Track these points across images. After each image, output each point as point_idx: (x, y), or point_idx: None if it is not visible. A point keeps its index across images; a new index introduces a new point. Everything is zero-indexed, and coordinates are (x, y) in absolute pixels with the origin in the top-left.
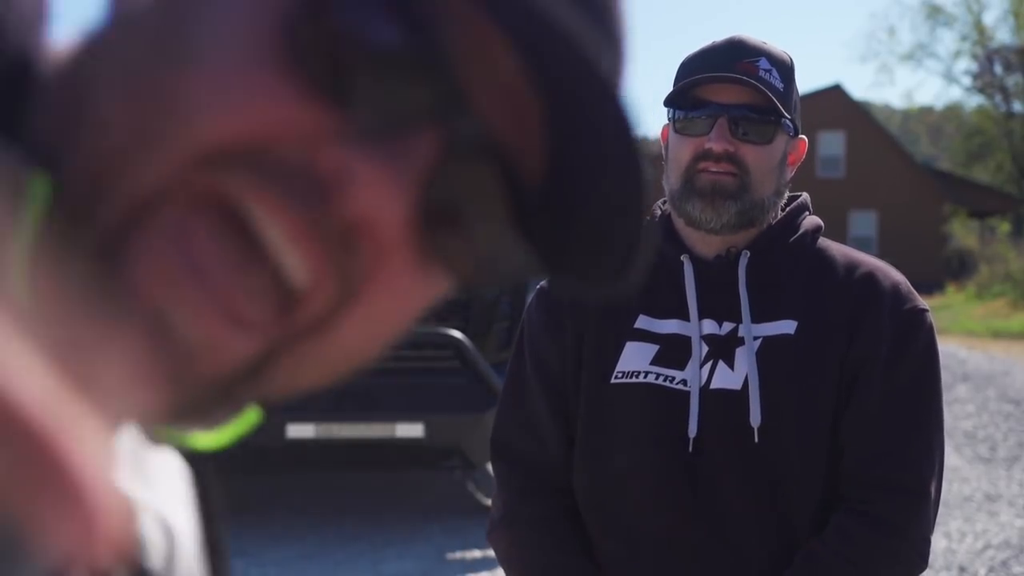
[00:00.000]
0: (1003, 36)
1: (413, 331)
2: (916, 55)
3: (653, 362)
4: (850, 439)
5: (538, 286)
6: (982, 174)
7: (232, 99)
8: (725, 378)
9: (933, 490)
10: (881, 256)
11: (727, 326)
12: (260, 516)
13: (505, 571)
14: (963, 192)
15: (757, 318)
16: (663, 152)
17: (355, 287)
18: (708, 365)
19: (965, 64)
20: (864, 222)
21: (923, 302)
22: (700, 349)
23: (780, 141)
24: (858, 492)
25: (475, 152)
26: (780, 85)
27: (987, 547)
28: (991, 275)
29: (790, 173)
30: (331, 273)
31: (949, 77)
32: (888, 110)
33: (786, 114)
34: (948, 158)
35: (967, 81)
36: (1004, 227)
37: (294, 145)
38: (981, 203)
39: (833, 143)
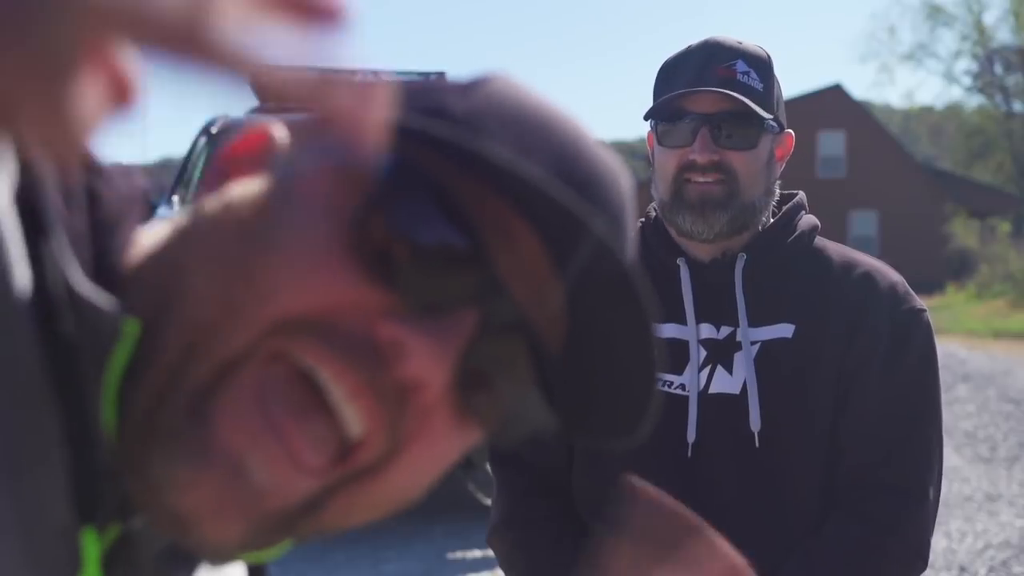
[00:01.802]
0: (1003, 36)
1: None
2: (916, 55)
3: None
4: (849, 440)
5: None
6: (982, 174)
7: (307, 278)
8: (724, 382)
9: (932, 491)
10: (882, 256)
11: (725, 330)
12: None
13: (506, 573)
14: (963, 192)
15: (755, 321)
16: (650, 157)
17: (402, 439)
18: (706, 369)
19: (965, 64)
20: (864, 222)
21: (921, 302)
22: (698, 353)
23: (765, 142)
24: (857, 493)
25: (507, 326)
26: (759, 85)
27: (987, 547)
28: (991, 275)
29: (779, 169)
30: (383, 426)
31: (949, 77)
32: (888, 110)
33: (768, 115)
34: (948, 158)
35: (967, 81)
36: (1004, 227)
37: (356, 319)
38: (981, 203)
39: (833, 143)
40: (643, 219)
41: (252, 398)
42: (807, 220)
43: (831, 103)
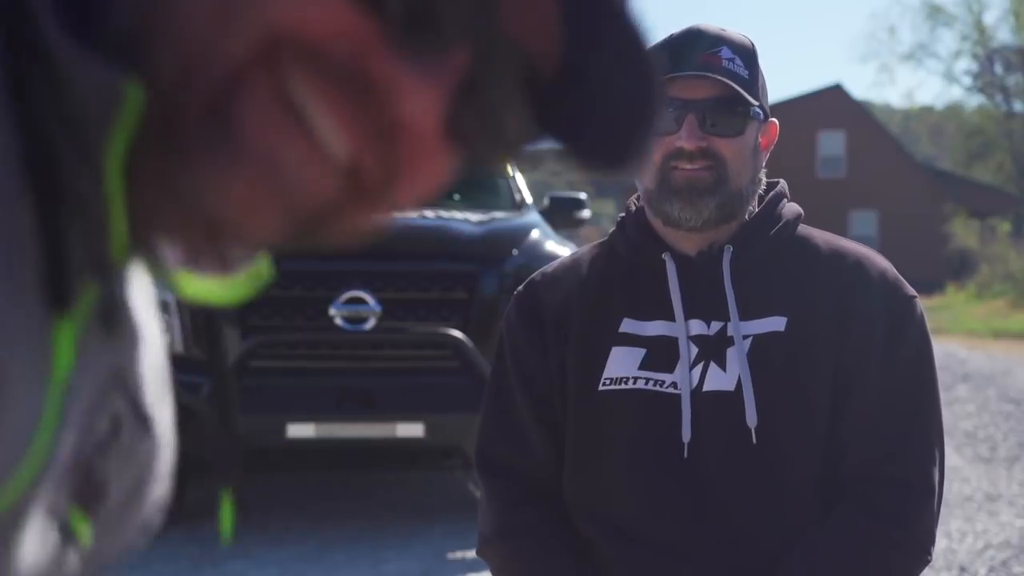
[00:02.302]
0: (1003, 36)
1: (413, 331)
2: (916, 55)
3: (641, 367)
4: (851, 435)
5: (515, 292)
6: (982, 174)
7: None
8: (717, 379)
9: (936, 483)
10: (882, 255)
11: (715, 325)
12: (260, 516)
13: None
14: (963, 192)
15: (745, 315)
16: None
17: (398, 168)
18: (699, 367)
19: (965, 64)
20: (864, 222)
21: (911, 288)
22: (688, 350)
23: (751, 129)
24: (862, 486)
25: (500, 55)
26: (744, 72)
27: (987, 547)
28: (991, 275)
29: (764, 158)
30: (370, 156)
31: (949, 77)
32: (888, 110)
33: (754, 102)
34: (948, 158)
35: (967, 81)
36: (1004, 227)
37: (349, 51)
38: (981, 203)
39: (833, 143)
40: (623, 213)
41: (271, 98)
42: (790, 208)
43: (831, 103)
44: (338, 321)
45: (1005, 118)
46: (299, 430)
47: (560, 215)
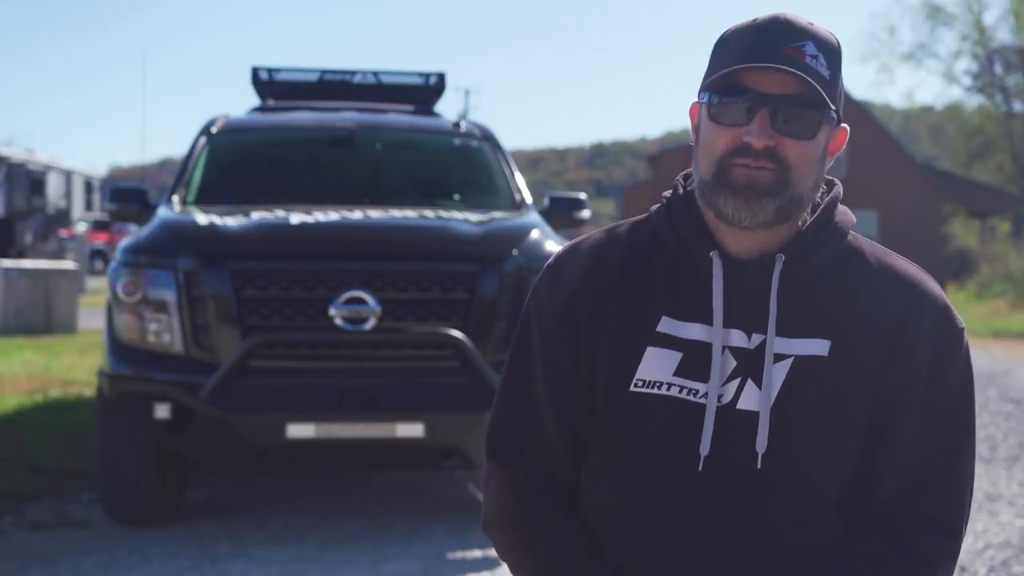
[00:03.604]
0: (1003, 36)
1: (413, 331)
2: (916, 55)
3: (677, 372)
4: (886, 466)
5: (547, 263)
6: (982, 174)
7: None
8: (751, 398)
9: (964, 524)
10: None
11: (756, 338)
12: (260, 516)
13: (507, 562)
14: (963, 192)
15: (789, 332)
16: (693, 134)
17: None
18: (735, 382)
19: (965, 64)
20: (865, 222)
21: (961, 319)
22: (721, 361)
23: (823, 133)
24: (893, 521)
25: None
26: (826, 72)
27: (987, 547)
28: (991, 275)
29: (829, 163)
30: None
31: (949, 77)
32: (888, 110)
33: (831, 104)
34: (948, 158)
35: (967, 81)
36: (1004, 227)
37: None
38: (981, 203)
39: None
40: (669, 193)
41: None
42: (845, 218)
43: None
44: (338, 321)
45: (1005, 118)
46: (299, 430)
47: (560, 215)
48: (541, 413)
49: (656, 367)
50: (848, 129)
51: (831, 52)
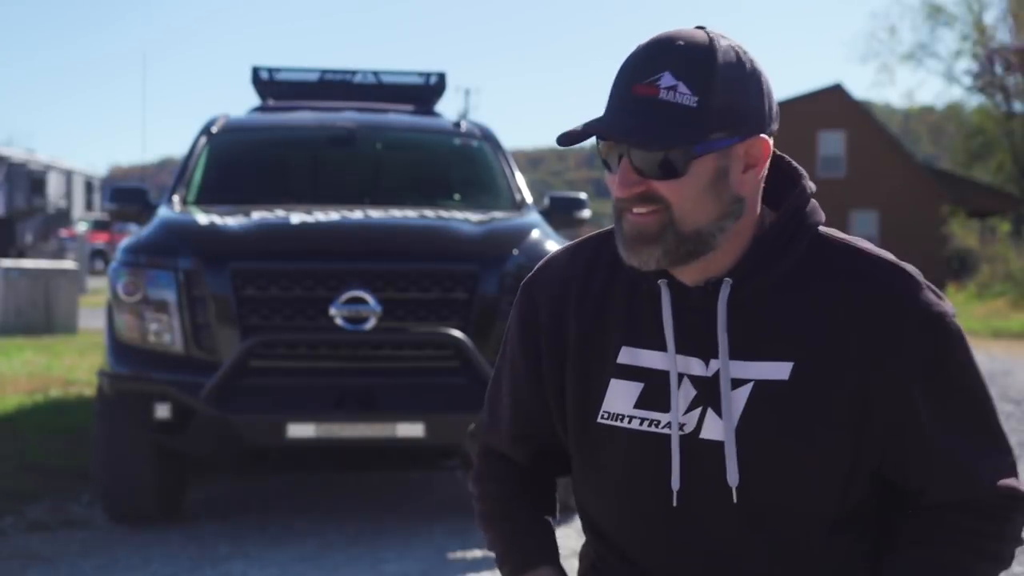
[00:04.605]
0: (1003, 36)
1: (413, 331)
2: (916, 55)
3: (638, 404)
4: (923, 476)
5: (523, 283)
6: (982, 174)
7: None
8: (713, 427)
9: (1018, 476)
10: None
11: (714, 364)
12: (260, 516)
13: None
14: (963, 192)
15: (746, 355)
16: None
17: None
18: (697, 411)
19: (966, 64)
20: (865, 222)
21: (948, 303)
22: (680, 391)
23: (703, 163)
24: (955, 515)
25: None
26: (690, 100)
27: None
28: (991, 275)
29: (754, 178)
30: None
31: (950, 77)
32: (888, 110)
33: (694, 138)
34: (948, 158)
35: (968, 81)
36: (1004, 227)
37: None
38: (981, 203)
39: (834, 143)
40: None
41: None
42: (808, 221)
43: (831, 103)
44: (338, 321)
45: (1005, 118)
46: (299, 430)
47: (560, 215)
48: (502, 414)
49: (619, 399)
50: (768, 140)
51: (699, 71)
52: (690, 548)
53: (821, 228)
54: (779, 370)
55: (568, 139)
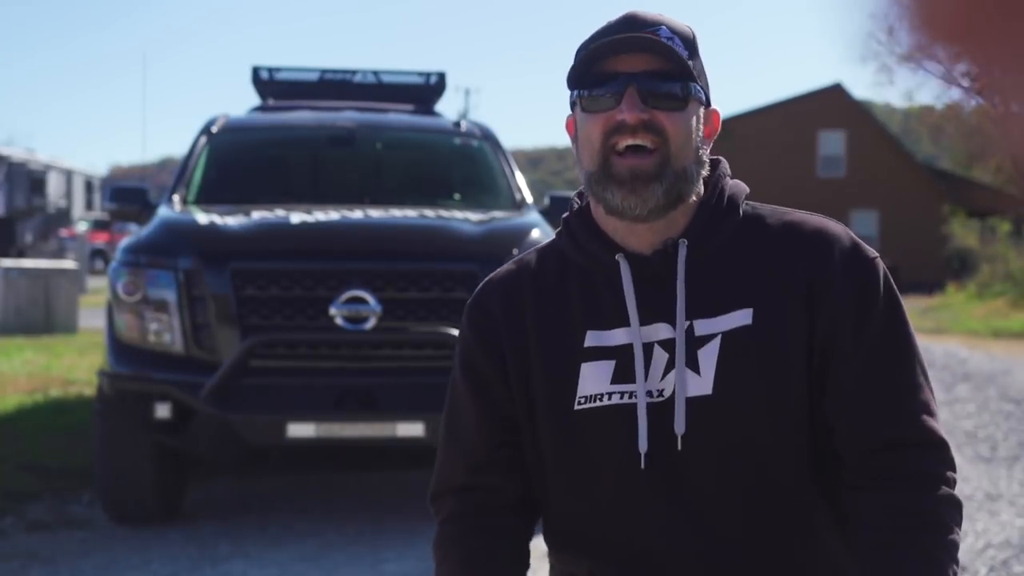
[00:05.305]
0: None
1: (413, 331)
2: (916, 55)
3: (614, 380)
4: (846, 414)
5: (467, 305)
6: (982, 174)
7: None
8: (697, 384)
9: (941, 429)
10: (882, 255)
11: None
12: (260, 517)
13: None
14: (963, 192)
15: (711, 312)
16: (573, 144)
17: None
18: (672, 374)
19: (965, 64)
20: (865, 221)
21: (871, 250)
22: (649, 357)
23: (694, 106)
24: (875, 459)
25: None
26: (684, 52)
27: (988, 546)
28: (991, 275)
29: (708, 144)
30: None
31: (949, 77)
32: (889, 110)
33: (692, 78)
34: (948, 158)
35: (967, 81)
36: (1004, 227)
37: None
38: (981, 203)
39: (833, 142)
40: (567, 213)
41: None
42: (736, 189)
43: (831, 103)
44: (338, 321)
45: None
46: (299, 430)
47: (560, 215)
48: (471, 438)
49: (593, 380)
50: (720, 112)
51: (686, 39)
52: (661, 512)
53: (747, 203)
54: (742, 317)
55: (588, 65)
